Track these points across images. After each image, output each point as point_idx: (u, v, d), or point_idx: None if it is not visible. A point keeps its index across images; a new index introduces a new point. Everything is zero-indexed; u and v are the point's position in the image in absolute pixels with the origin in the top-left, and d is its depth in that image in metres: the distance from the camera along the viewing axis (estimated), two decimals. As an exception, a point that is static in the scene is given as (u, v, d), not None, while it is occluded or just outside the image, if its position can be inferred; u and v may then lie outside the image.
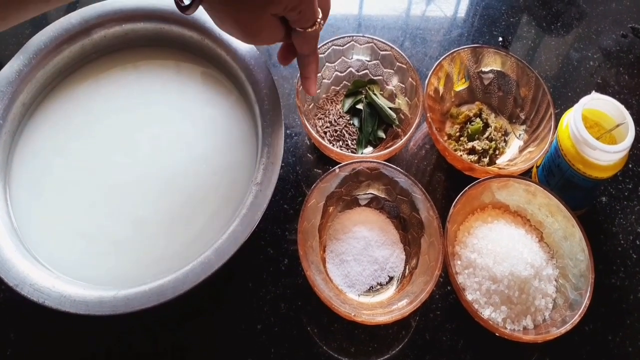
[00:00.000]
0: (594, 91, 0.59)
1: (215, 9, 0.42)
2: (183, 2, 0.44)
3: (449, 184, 0.68)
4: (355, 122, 0.68)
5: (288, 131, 0.70)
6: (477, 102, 0.71)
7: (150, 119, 0.63)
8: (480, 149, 0.66)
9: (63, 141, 0.61)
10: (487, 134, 0.68)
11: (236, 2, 0.41)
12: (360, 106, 0.69)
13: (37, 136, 0.61)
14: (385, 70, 0.70)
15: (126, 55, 0.67)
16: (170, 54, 0.67)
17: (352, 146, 0.67)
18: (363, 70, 0.71)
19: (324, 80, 0.70)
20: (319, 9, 0.47)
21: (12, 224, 0.55)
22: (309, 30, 0.47)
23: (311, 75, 0.55)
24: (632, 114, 0.57)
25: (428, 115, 0.63)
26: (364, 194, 0.64)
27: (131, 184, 0.58)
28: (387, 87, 0.71)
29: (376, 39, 0.68)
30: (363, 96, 0.70)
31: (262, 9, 0.42)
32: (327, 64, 0.69)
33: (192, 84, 0.65)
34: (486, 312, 0.55)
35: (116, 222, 0.56)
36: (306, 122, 0.62)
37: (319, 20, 0.47)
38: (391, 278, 0.60)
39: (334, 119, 0.69)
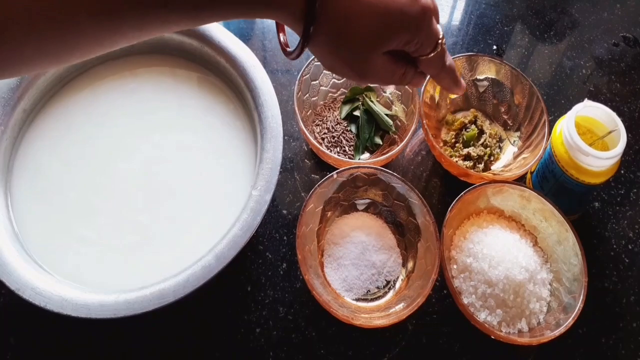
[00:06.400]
0: (586, 98, 0.61)
1: (321, 52, 0.39)
2: (289, 47, 0.42)
3: (444, 189, 0.69)
4: (353, 128, 0.69)
5: (286, 137, 0.71)
6: (472, 109, 0.72)
7: (149, 126, 0.63)
8: (475, 155, 0.67)
9: (63, 147, 0.61)
10: (482, 140, 0.69)
11: (342, 43, 0.37)
12: (357, 113, 0.70)
13: (38, 142, 0.61)
14: (381, 77, 0.71)
15: (125, 62, 0.67)
16: (168, 61, 0.68)
17: (349, 152, 0.68)
18: (360, 77, 0.72)
19: (321, 87, 0.71)
20: (438, 27, 0.41)
21: (14, 228, 0.56)
22: (432, 55, 0.41)
23: (450, 87, 0.47)
24: (623, 121, 0.58)
25: (424, 122, 0.64)
26: (361, 199, 0.65)
27: (131, 189, 0.59)
28: (383, 94, 0.72)
29: (373, 47, 0.69)
30: (360, 103, 0.70)
31: (372, 48, 0.38)
32: (324, 71, 0.70)
33: (190, 90, 0.66)
34: (482, 316, 0.55)
35: (116, 227, 0.57)
36: (304, 128, 0.63)
37: (439, 40, 0.41)
38: (388, 282, 0.60)
39: (332, 126, 0.70)
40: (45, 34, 0.30)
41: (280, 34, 0.43)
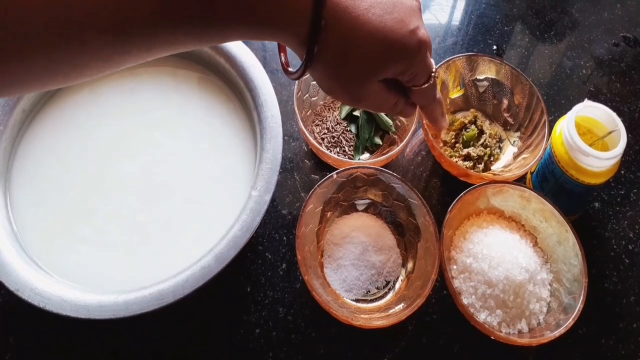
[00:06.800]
0: (586, 99, 0.61)
1: (320, 75, 0.40)
2: (290, 67, 0.44)
3: (444, 189, 0.69)
4: (353, 128, 0.69)
5: (286, 137, 0.71)
6: (472, 110, 0.72)
7: (149, 125, 0.63)
8: (475, 155, 0.67)
9: (62, 147, 0.61)
10: (482, 140, 0.69)
11: (341, 68, 0.39)
12: (357, 113, 0.70)
13: (37, 142, 0.61)
14: (381, 77, 0.71)
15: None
16: (167, 60, 0.68)
17: (349, 152, 0.68)
18: (360, 77, 0.72)
19: (321, 87, 0.71)
20: (432, 60, 0.43)
21: (13, 228, 0.56)
22: (425, 86, 0.43)
23: (437, 119, 0.49)
24: (624, 121, 0.58)
25: (424, 122, 0.64)
26: (361, 200, 0.65)
27: (130, 189, 0.59)
28: (383, 94, 0.72)
29: (373, 47, 0.69)
30: (360, 103, 0.70)
31: (369, 74, 0.39)
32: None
33: (190, 90, 0.66)
34: (482, 316, 0.55)
35: (116, 227, 0.57)
36: (304, 128, 0.63)
37: (433, 73, 0.43)
38: (388, 282, 0.60)
39: (332, 126, 0.70)
40: (53, 50, 0.30)
41: (282, 54, 0.45)
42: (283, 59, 0.45)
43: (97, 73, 0.34)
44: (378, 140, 0.69)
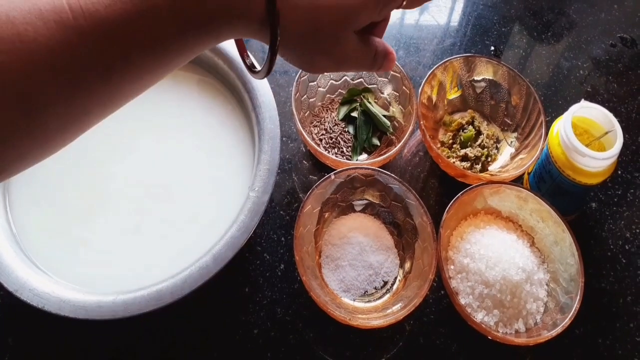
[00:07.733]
0: (583, 99, 0.61)
1: (295, 56, 0.38)
2: (255, 67, 0.40)
3: (442, 190, 0.69)
4: (350, 129, 0.70)
5: (284, 138, 0.71)
6: (469, 110, 0.72)
7: (148, 126, 0.63)
8: (472, 156, 0.68)
9: (61, 148, 0.61)
10: (479, 141, 0.69)
11: (314, 33, 0.35)
12: (355, 114, 0.70)
13: (36, 143, 0.61)
14: (379, 78, 0.71)
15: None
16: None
17: (347, 153, 0.68)
18: (358, 78, 0.73)
19: (319, 89, 0.71)
20: None
21: (12, 230, 0.56)
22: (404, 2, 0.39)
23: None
24: (620, 122, 0.58)
25: (421, 122, 0.64)
26: (359, 200, 0.65)
27: (129, 191, 0.59)
28: (381, 95, 0.72)
29: (370, 48, 0.69)
30: (358, 104, 0.71)
31: (343, 29, 0.36)
32: (322, 72, 0.70)
33: (188, 92, 0.66)
34: (479, 316, 0.55)
35: (114, 228, 0.57)
36: (302, 129, 0.63)
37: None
38: (385, 283, 0.60)
39: (330, 127, 0.70)
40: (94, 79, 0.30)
41: (245, 57, 0.42)
42: (247, 61, 0.42)
43: (126, 99, 0.35)
44: (376, 141, 0.69)
